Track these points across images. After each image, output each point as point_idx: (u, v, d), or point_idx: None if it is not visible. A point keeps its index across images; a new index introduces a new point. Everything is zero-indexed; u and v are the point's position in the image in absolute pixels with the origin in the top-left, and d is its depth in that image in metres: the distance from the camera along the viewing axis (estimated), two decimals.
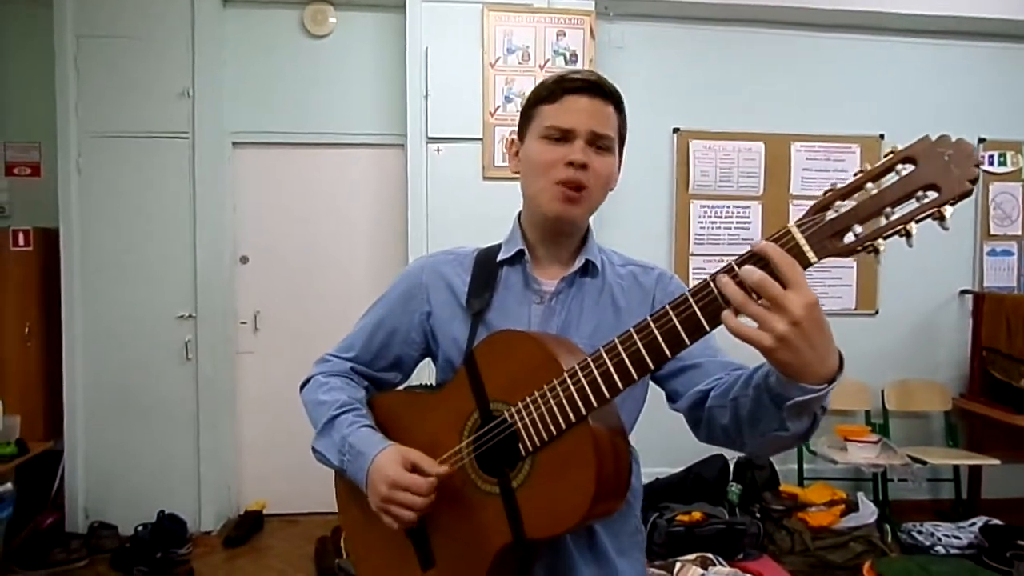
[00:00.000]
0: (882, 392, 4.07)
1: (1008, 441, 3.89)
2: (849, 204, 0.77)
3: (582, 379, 0.94)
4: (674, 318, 0.85)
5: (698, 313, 0.83)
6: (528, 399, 0.99)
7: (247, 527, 3.67)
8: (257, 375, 3.97)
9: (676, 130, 4.03)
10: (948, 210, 0.73)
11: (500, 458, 1.03)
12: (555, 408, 0.96)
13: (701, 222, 4.07)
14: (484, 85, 3.66)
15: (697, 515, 3.29)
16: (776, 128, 4.08)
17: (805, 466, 3.94)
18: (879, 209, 0.75)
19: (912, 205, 0.74)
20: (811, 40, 4.12)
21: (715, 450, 3.68)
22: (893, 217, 0.75)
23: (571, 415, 0.94)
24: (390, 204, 3.93)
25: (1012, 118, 4.25)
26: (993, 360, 3.94)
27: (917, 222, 0.74)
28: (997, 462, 3.74)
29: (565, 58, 3.70)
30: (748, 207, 4.08)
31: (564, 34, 3.70)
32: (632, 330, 0.90)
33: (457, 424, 1.08)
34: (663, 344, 0.87)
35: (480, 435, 1.05)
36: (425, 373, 1.31)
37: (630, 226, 3.81)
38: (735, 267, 0.79)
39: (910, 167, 0.74)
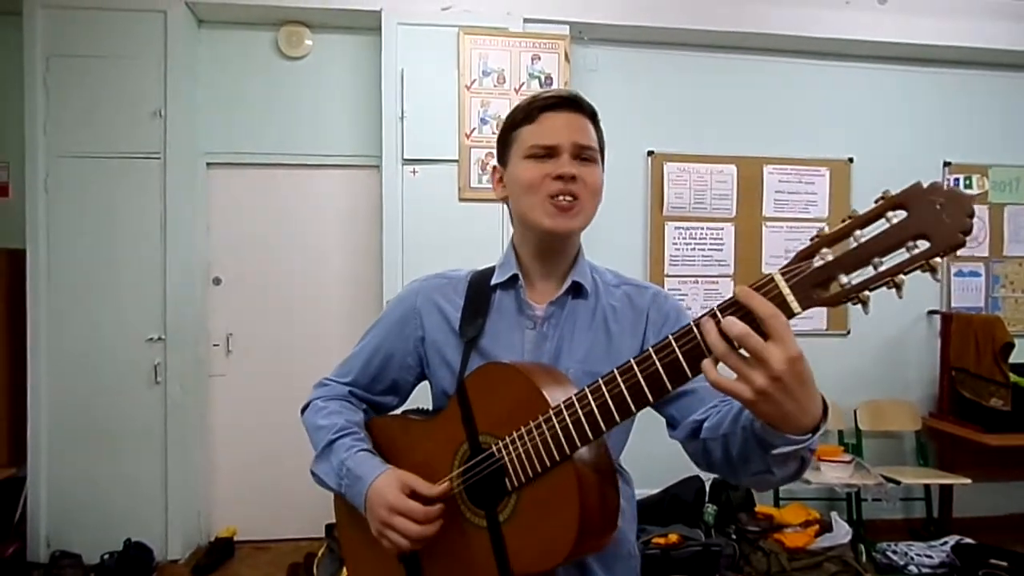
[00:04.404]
0: (854, 412, 4.11)
1: (977, 459, 3.93)
2: (836, 251, 0.74)
3: (567, 418, 0.93)
4: (657, 362, 0.85)
5: (681, 359, 0.82)
6: (515, 434, 0.98)
7: (217, 555, 3.58)
8: (229, 398, 3.90)
9: (650, 153, 4.07)
10: (938, 261, 0.69)
11: (488, 490, 1.02)
12: (540, 445, 0.95)
13: (675, 243, 4.10)
14: (460, 107, 3.68)
15: (674, 537, 3.29)
16: (748, 151, 4.14)
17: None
18: (867, 258, 0.72)
19: (902, 255, 0.71)
20: (782, 65, 4.21)
21: (691, 471, 3.68)
22: (882, 268, 0.72)
23: (555, 453, 0.94)
24: (365, 225, 3.91)
25: (977, 142, 4.35)
26: (962, 380, 4.00)
27: (906, 274, 0.71)
28: (968, 481, 3.78)
29: (540, 81, 3.74)
30: (721, 228, 4.13)
31: (539, 58, 3.74)
32: (615, 371, 0.89)
33: (448, 454, 1.08)
34: (645, 388, 0.86)
35: (469, 467, 1.05)
36: (423, 398, 1.30)
37: (605, 247, 3.80)
38: (718, 314, 0.78)
39: (901, 214, 0.71)
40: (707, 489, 3.77)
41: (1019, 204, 4.40)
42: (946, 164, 4.32)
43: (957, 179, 4.34)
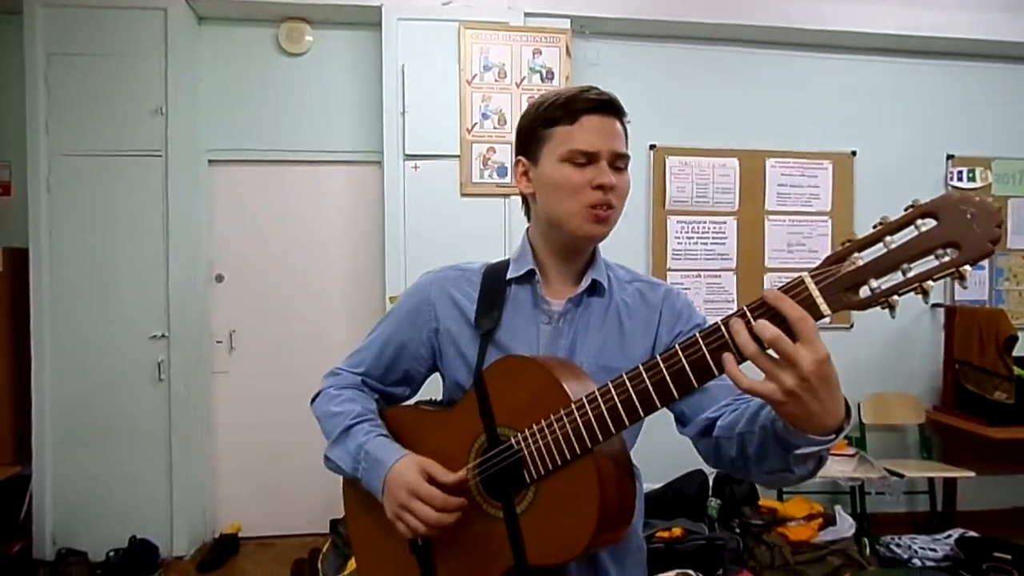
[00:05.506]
0: (858, 405, 4.10)
1: (981, 453, 3.93)
2: (866, 257, 0.75)
3: (589, 412, 0.94)
4: (683, 359, 0.85)
5: (708, 357, 0.83)
6: (535, 427, 0.99)
7: (221, 551, 3.59)
8: (233, 395, 3.91)
9: (652, 146, 4.06)
10: (967, 270, 0.70)
11: (506, 482, 1.03)
12: (561, 439, 0.96)
13: (678, 237, 4.09)
14: (461, 102, 3.67)
15: (677, 531, 3.29)
16: (750, 145, 4.13)
17: None
18: (896, 264, 0.73)
19: (931, 262, 0.72)
20: (784, 58, 4.19)
21: (695, 465, 3.68)
22: (910, 274, 0.73)
23: (576, 447, 0.95)
24: (367, 221, 3.91)
25: (980, 135, 4.33)
26: (965, 373, 3.99)
27: (935, 280, 0.72)
28: (972, 474, 3.77)
29: (541, 76, 3.73)
30: (724, 222, 4.12)
31: (540, 52, 3.73)
32: (641, 367, 0.90)
33: (464, 445, 1.08)
34: (671, 384, 0.87)
35: (487, 458, 1.05)
36: (433, 389, 1.30)
37: (607, 241, 3.83)
38: (748, 315, 0.79)
39: (931, 222, 0.72)
40: (710, 483, 3.76)
41: (1023, 197, 4.38)
42: (949, 157, 4.31)
43: (960, 172, 4.33)
